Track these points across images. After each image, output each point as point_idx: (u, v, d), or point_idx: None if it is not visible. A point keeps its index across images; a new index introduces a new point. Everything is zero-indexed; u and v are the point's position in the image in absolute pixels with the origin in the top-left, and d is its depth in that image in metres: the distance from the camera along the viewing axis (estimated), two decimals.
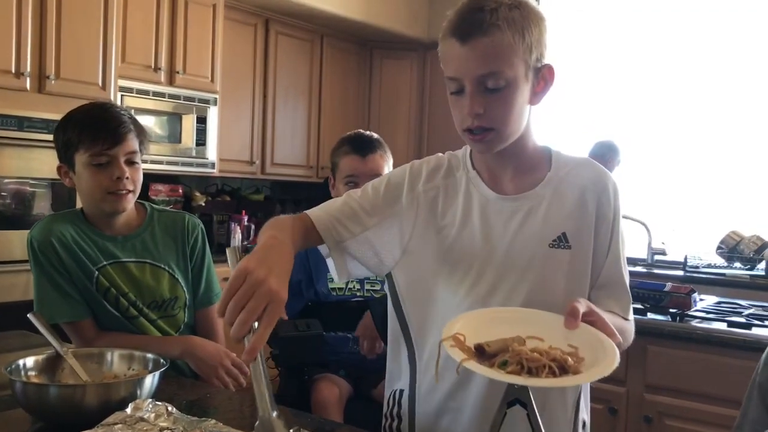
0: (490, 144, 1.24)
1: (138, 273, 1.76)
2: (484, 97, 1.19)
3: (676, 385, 2.37)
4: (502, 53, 1.17)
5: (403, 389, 1.38)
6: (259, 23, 4.68)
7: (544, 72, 1.24)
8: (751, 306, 2.68)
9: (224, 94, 4.35)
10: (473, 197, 1.30)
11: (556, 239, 1.26)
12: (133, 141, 1.71)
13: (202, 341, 1.75)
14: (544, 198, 1.28)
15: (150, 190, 4.21)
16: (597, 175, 1.31)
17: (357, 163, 2.13)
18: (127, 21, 3.78)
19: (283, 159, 4.89)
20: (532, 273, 1.25)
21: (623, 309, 1.30)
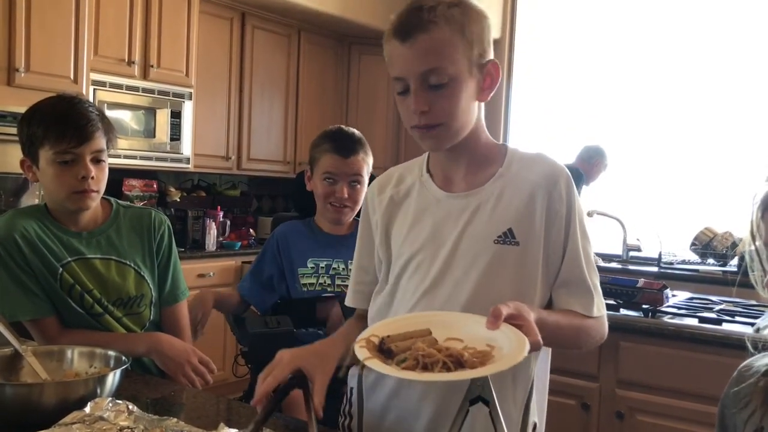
0: (438, 139, 1.24)
1: (103, 270, 1.72)
2: (428, 94, 1.20)
3: (647, 380, 2.38)
4: (441, 49, 1.18)
5: (353, 387, 1.40)
6: (235, 17, 4.64)
7: (489, 68, 1.24)
8: (722, 302, 2.70)
9: (199, 89, 4.31)
10: (426, 199, 1.32)
11: (501, 235, 1.24)
12: (100, 139, 1.66)
13: (168, 338, 1.72)
14: (492, 194, 1.27)
15: (124, 186, 4.15)
16: (547, 171, 1.27)
17: (338, 163, 2.12)
18: (100, 13, 3.73)
19: (260, 154, 4.85)
20: (476, 269, 1.24)
21: (585, 307, 1.26)
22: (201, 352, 1.71)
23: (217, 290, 2.22)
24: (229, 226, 4.62)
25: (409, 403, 1.28)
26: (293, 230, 2.27)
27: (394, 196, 1.36)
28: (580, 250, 1.27)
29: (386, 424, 1.32)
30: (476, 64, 1.21)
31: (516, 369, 1.15)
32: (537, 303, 1.25)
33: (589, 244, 1.30)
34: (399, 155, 5.41)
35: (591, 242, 1.31)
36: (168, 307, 1.85)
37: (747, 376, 1.13)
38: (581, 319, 1.26)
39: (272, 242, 2.25)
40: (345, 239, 2.22)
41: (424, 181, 1.34)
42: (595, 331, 1.29)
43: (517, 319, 1.07)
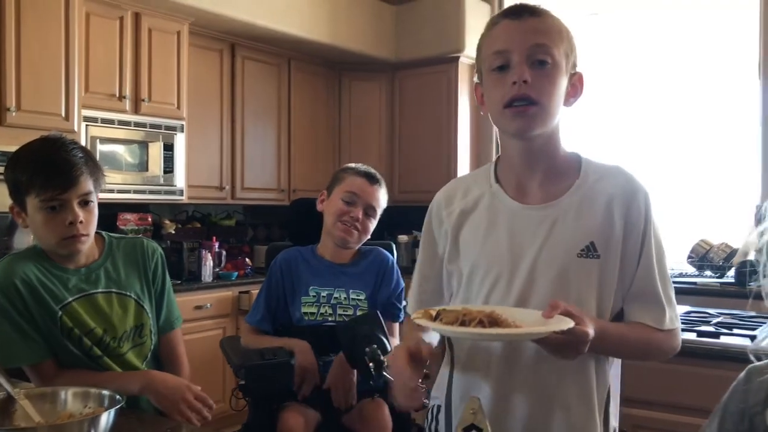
0: (531, 120, 1.25)
1: (106, 304, 1.73)
2: (531, 70, 1.23)
3: (649, 397, 2.36)
4: (550, 32, 1.26)
5: (440, 405, 1.39)
6: (225, 48, 4.67)
7: (576, 79, 1.32)
8: (720, 314, 2.69)
9: (191, 121, 4.33)
10: (498, 210, 1.33)
11: (584, 249, 1.26)
12: (87, 182, 1.65)
13: (162, 375, 1.71)
14: (571, 207, 1.29)
15: (118, 220, 4.16)
16: (626, 183, 1.31)
17: (363, 185, 2.17)
18: (90, 50, 3.76)
19: (254, 183, 4.86)
20: (560, 283, 1.26)
21: (656, 320, 1.29)
22: (197, 387, 1.70)
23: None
24: (225, 256, 4.61)
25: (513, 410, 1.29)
26: (296, 257, 2.27)
27: (464, 208, 1.37)
28: (654, 264, 1.29)
29: None
30: (570, 68, 1.29)
31: (598, 373, 1.27)
32: (608, 312, 1.29)
33: (664, 258, 1.32)
34: (393, 180, 5.42)
35: (665, 255, 1.33)
36: (164, 335, 1.86)
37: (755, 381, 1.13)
38: (650, 332, 1.29)
39: (275, 269, 2.25)
40: (347, 268, 2.22)
41: (494, 192, 1.35)
42: (666, 344, 1.32)
43: (575, 317, 1.12)
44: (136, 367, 1.76)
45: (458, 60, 5.20)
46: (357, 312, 2.13)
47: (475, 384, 1.31)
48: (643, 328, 1.29)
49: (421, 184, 5.24)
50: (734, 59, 4.55)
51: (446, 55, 5.19)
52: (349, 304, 2.16)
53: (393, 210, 5.49)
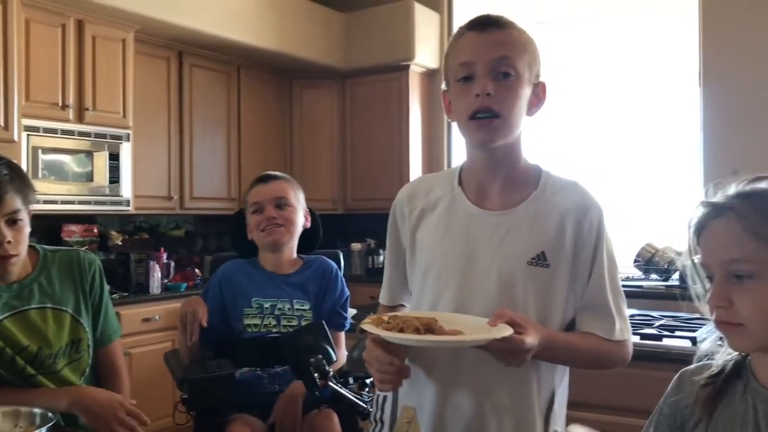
0: (493, 131, 1.29)
1: (40, 320, 1.67)
2: (494, 82, 1.27)
3: (595, 400, 2.39)
4: (513, 45, 1.30)
5: (386, 396, 1.44)
6: (172, 56, 4.61)
7: (540, 89, 1.36)
8: (663, 317, 2.74)
9: (138, 130, 4.25)
10: (456, 212, 1.37)
11: (535, 257, 1.29)
12: (14, 199, 1.59)
13: (91, 391, 1.66)
14: (527, 216, 1.33)
15: (63, 232, 4.06)
16: (580, 199, 1.35)
17: (260, 189, 2.22)
18: (30, 57, 3.66)
19: (203, 192, 4.80)
20: (508, 288, 1.30)
21: (606, 331, 1.33)
22: (130, 403, 1.65)
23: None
24: (173, 267, 4.54)
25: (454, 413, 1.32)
26: (237, 269, 2.24)
27: (425, 207, 1.41)
28: (606, 277, 1.33)
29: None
30: (533, 79, 1.33)
31: (539, 378, 1.31)
32: (558, 324, 1.32)
33: (616, 272, 1.36)
34: (345, 187, 5.42)
35: (618, 267, 1.38)
36: (102, 347, 1.81)
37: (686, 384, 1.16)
38: (600, 343, 1.33)
39: (215, 282, 2.23)
40: (290, 278, 2.20)
41: (456, 195, 1.39)
42: (616, 354, 1.36)
43: (518, 326, 1.16)
44: (73, 383, 1.71)
45: (409, 68, 5.23)
46: (302, 322, 2.11)
47: (420, 379, 1.34)
48: (593, 338, 1.32)
49: (373, 192, 5.24)
50: (678, 67, 4.67)
51: (397, 63, 5.21)
52: (294, 315, 2.14)
53: (346, 218, 5.52)
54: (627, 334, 1.36)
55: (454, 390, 1.32)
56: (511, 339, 1.14)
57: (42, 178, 3.71)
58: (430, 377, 1.34)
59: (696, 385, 1.14)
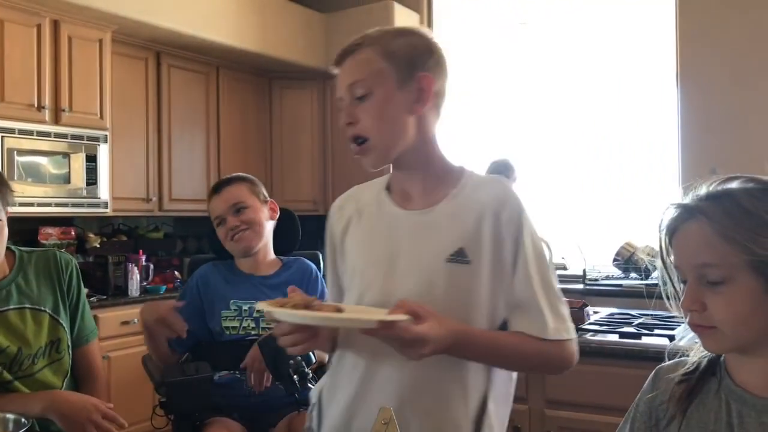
0: (370, 156, 1.31)
1: (19, 321, 1.66)
2: (355, 108, 1.30)
3: (575, 399, 2.40)
4: (364, 65, 1.30)
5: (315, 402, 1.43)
6: (150, 57, 4.57)
7: (419, 82, 1.30)
8: (641, 315, 2.76)
9: (116, 131, 4.21)
10: (381, 215, 1.38)
11: (453, 254, 1.27)
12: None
13: (65, 395, 1.64)
14: (446, 213, 1.31)
15: (40, 234, 4.01)
16: (499, 194, 1.32)
17: (215, 203, 2.23)
18: (5, 58, 3.62)
19: (182, 194, 4.76)
20: (428, 285, 1.28)
21: (537, 329, 1.28)
22: (107, 406, 1.63)
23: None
24: (152, 269, 4.50)
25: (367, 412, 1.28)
26: (214, 272, 2.23)
27: (353, 213, 1.42)
28: (533, 273, 1.28)
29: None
30: (405, 78, 1.29)
31: (467, 380, 1.27)
32: (486, 323, 1.28)
33: (547, 268, 1.32)
34: (326, 188, 5.40)
35: (549, 265, 1.33)
36: (79, 348, 1.80)
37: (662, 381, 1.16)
38: (531, 342, 1.27)
39: (192, 284, 2.22)
40: (268, 279, 2.19)
41: (382, 199, 1.39)
42: (554, 355, 1.30)
43: (418, 317, 1.13)
44: (54, 386, 1.70)
45: None
46: None
47: (341, 384, 1.34)
48: (522, 337, 1.28)
49: None
50: (656, 66, 4.71)
51: None
52: None
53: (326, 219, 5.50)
54: (566, 333, 1.30)
55: (372, 391, 1.29)
56: (396, 326, 1.11)
57: (18, 180, 3.66)
58: (351, 377, 1.32)
59: (671, 383, 1.15)
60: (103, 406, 1.62)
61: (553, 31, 5.08)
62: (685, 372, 1.13)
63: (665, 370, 1.19)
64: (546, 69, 5.09)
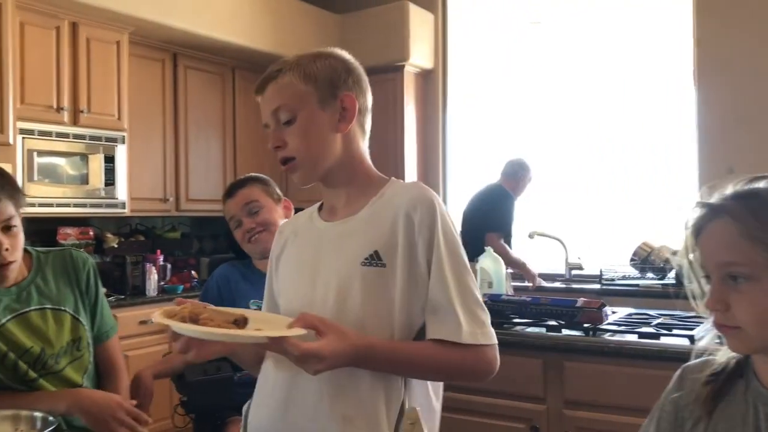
0: (298, 173, 1.36)
1: (40, 321, 1.68)
2: (281, 132, 1.34)
3: (594, 399, 2.40)
4: (285, 90, 1.33)
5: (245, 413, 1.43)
6: (167, 58, 4.60)
7: (342, 101, 1.34)
8: (660, 315, 2.75)
9: (133, 132, 4.24)
10: (310, 232, 1.42)
11: (368, 257, 1.28)
12: (7, 207, 1.60)
13: (89, 393, 1.66)
14: (364, 220, 1.34)
15: (58, 234, 4.05)
16: (414, 197, 1.31)
17: (230, 204, 2.24)
18: (25, 60, 3.65)
19: (199, 194, 4.79)
20: (346, 291, 1.28)
21: (452, 334, 1.24)
22: (130, 403, 1.65)
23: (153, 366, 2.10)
24: (170, 269, 4.53)
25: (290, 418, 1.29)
26: (233, 272, 2.25)
27: (289, 236, 1.46)
28: (448, 275, 1.27)
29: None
30: (326, 98, 1.33)
31: (386, 388, 1.25)
32: (397, 328, 1.27)
33: (464, 271, 1.29)
34: None
35: (467, 267, 1.31)
36: (100, 345, 1.82)
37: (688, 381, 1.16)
38: (444, 349, 1.25)
39: (212, 284, 2.23)
40: None
41: (313, 217, 1.44)
42: (469, 361, 1.27)
43: (319, 331, 1.14)
44: (76, 382, 1.71)
45: (403, 68, 5.23)
46: None
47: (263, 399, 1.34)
48: (435, 345, 1.25)
49: None
50: (673, 66, 4.68)
51: (391, 64, 5.21)
52: None
53: None
54: (482, 338, 1.27)
55: (294, 400, 1.29)
56: (285, 342, 1.10)
57: (37, 180, 3.70)
58: (273, 390, 1.32)
59: (697, 383, 1.14)
60: (126, 404, 1.64)
61: (566, 30, 5.07)
62: (712, 373, 1.13)
63: (691, 370, 1.18)
64: (559, 68, 5.07)
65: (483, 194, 4.57)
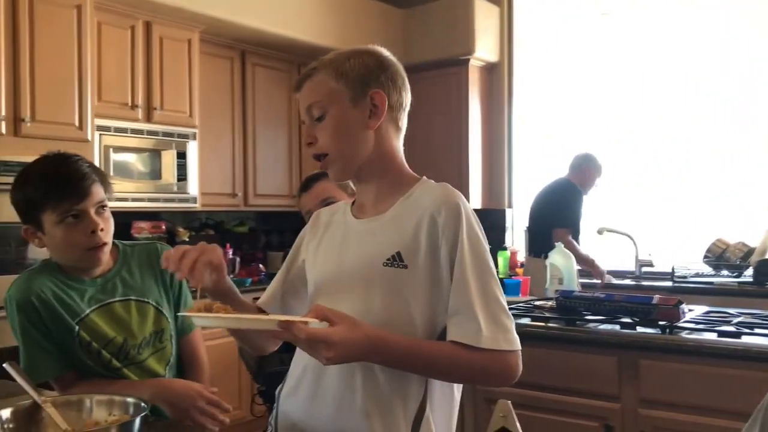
0: (331, 169, 1.38)
1: (124, 312, 1.73)
2: (314, 129, 1.36)
3: (671, 398, 2.34)
4: (318, 87, 1.35)
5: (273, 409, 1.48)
6: (236, 56, 4.69)
7: (373, 99, 1.35)
8: (740, 314, 2.66)
9: (203, 128, 4.35)
10: (341, 227, 1.44)
11: (390, 258, 1.29)
12: (99, 190, 1.67)
13: (171, 383, 1.70)
14: (390, 220, 1.35)
15: (133, 228, 4.17)
16: (438, 199, 1.31)
17: (306, 198, 2.30)
18: (102, 59, 3.78)
19: (266, 189, 4.87)
20: (367, 291, 1.30)
21: (471, 338, 1.23)
22: (210, 391, 1.68)
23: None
24: (238, 262, 4.62)
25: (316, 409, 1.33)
26: None
27: (325, 226, 1.48)
28: (470, 279, 1.26)
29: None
30: (357, 95, 1.34)
31: (406, 385, 1.28)
32: (419, 329, 1.28)
33: (487, 274, 1.28)
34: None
35: (491, 272, 1.30)
36: (183, 337, 1.86)
37: None
38: (463, 352, 1.24)
39: None
40: None
41: (345, 211, 1.46)
42: (487, 366, 1.25)
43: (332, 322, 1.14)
44: (158, 373, 1.76)
45: (468, 62, 5.20)
46: None
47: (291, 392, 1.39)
48: (454, 346, 1.25)
49: None
50: (750, 59, 4.52)
51: (456, 58, 5.19)
52: None
53: None
54: (504, 344, 1.24)
55: (320, 392, 1.33)
56: (293, 326, 1.11)
57: (113, 176, 3.82)
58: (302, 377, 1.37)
59: None
60: (206, 392, 1.67)
61: (636, 22, 4.95)
62: None
63: None
64: (629, 60, 4.96)
65: (550, 189, 4.50)
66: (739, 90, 4.58)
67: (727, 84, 4.61)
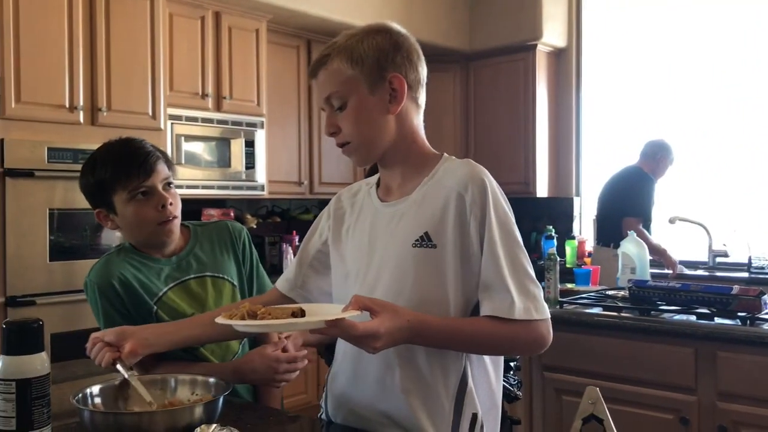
0: (355, 156, 1.38)
1: (200, 289, 1.77)
2: (335, 117, 1.36)
3: (751, 392, 2.27)
4: (334, 76, 1.34)
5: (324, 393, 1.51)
6: (302, 45, 4.73)
7: (392, 82, 1.33)
8: None
9: (270, 117, 4.40)
10: (366, 209, 1.44)
11: (418, 239, 1.30)
12: (164, 167, 1.72)
13: (250, 362, 1.72)
14: (416, 201, 1.35)
15: (203, 215, 4.26)
16: (464, 176, 1.32)
17: None
18: (174, 50, 3.87)
19: (331, 178, 4.91)
20: (400, 273, 1.31)
21: (504, 310, 1.26)
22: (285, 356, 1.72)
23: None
24: None
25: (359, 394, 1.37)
26: None
27: (347, 207, 1.48)
28: (500, 253, 1.28)
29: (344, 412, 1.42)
30: (375, 80, 1.32)
31: (446, 360, 1.30)
32: (452, 306, 1.29)
33: (516, 248, 1.30)
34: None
35: (519, 244, 1.31)
36: None
37: None
38: (497, 324, 1.26)
39: None
40: None
41: (370, 193, 1.46)
42: (523, 336, 1.28)
43: (373, 312, 1.16)
44: (233, 349, 1.79)
45: (535, 48, 5.11)
46: None
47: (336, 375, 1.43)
48: (488, 320, 1.27)
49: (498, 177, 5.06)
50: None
51: (523, 44, 5.11)
52: None
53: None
54: (537, 313, 1.27)
55: (361, 373, 1.36)
56: (342, 324, 1.13)
57: (184, 164, 3.92)
58: (344, 366, 1.40)
59: None
60: (281, 356, 1.71)
61: (709, 4, 4.77)
62: None
63: None
64: (702, 45, 4.79)
65: (620, 177, 4.39)
66: None
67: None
